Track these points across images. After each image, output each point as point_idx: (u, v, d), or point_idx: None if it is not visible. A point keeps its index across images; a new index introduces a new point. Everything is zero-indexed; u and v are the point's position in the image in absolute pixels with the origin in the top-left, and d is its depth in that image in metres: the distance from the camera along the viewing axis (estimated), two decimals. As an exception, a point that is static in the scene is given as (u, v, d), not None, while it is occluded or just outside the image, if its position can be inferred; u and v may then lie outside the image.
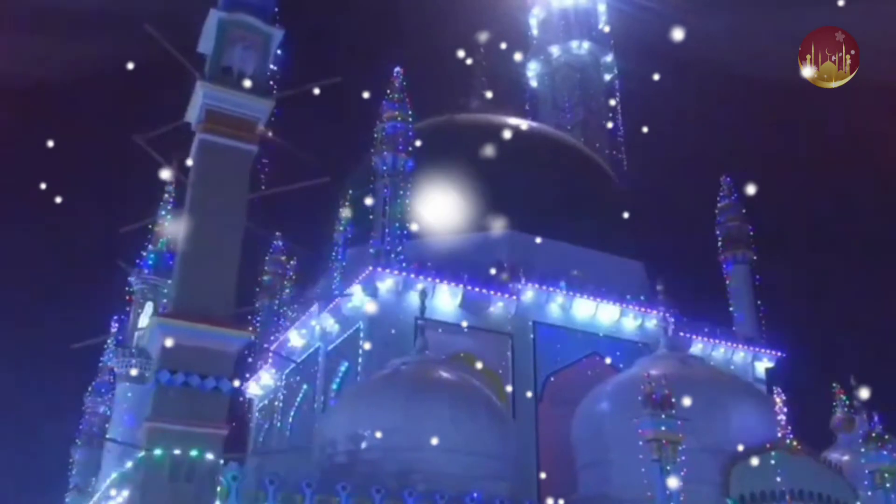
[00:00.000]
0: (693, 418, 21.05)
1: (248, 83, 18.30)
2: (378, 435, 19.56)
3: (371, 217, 28.77)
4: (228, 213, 17.21)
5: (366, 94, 31.42)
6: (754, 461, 21.02)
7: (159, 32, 17.55)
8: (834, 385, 33.36)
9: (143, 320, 24.36)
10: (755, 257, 36.01)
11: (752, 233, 36.33)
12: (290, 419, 33.46)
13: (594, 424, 25.25)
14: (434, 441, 19.30)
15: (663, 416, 20.34)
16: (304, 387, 32.72)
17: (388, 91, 30.69)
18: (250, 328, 17.09)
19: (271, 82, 19.11)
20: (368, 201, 29.19)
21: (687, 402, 21.49)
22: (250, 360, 35.71)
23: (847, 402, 32.40)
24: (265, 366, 36.41)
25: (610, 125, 50.04)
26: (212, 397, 15.54)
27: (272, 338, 36.58)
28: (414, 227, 29.46)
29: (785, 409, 22.38)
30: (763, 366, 34.02)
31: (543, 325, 29.97)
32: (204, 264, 16.51)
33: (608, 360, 30.44)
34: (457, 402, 20.38)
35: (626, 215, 35.02)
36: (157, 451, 14.75)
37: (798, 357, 34.36)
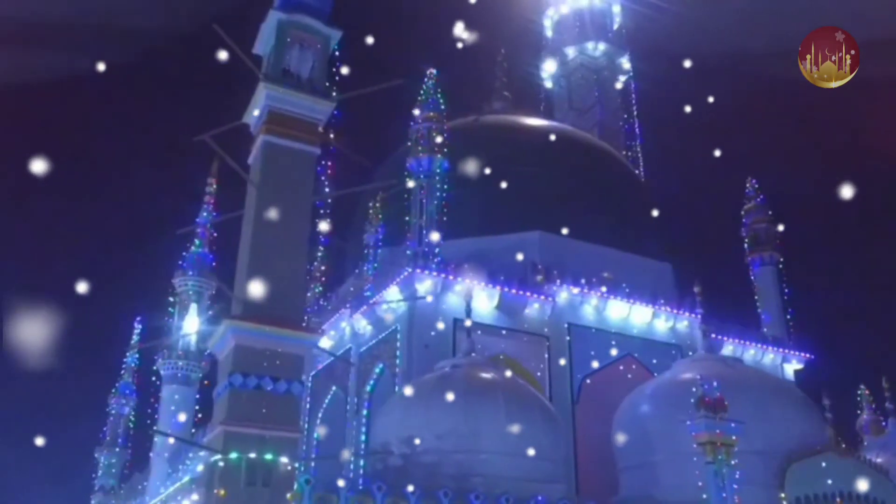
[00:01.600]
0: (742, 421, 21.04)
1: (310, 85, 18.18)
2: (435, 437, 19.46)
3: (408, 218, 28.65)
4: (294, 215, 17.13)
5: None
6: (808, 464, 21.01)
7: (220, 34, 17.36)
8: (861, 387, 33.58)
9: (189, 321, 24.20)
10: (782, 259, 36.09)
11: (779, 235, 36.40)
12: (318, 421, 33.32)
13: (636, 426, 25.16)
14: (492, 444, 19.22)
15: (717, 418, 20.27)
16: (333, 388, 32.58)
17: (423, 91, 30.59)
18: (319, 331, 16.91)
19: (328, 84, 19.01)
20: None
21: (736, 404, 21.53)
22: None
23: (874, 405, 32.61)
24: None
25: (625, 126, 50.27)
26: (284, 400, 15.46)
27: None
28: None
29: (830, 413, 22.36)
30: (792, 367, 34.11)
31: (578, 327, 29.97)
32: (271, 266, 16.40)
33: (642, 362, 30.45)
34: (512, 405, 20.33)
35: (654, 215, 35.09)
36: (234, 455, 14.64)
37: (826, 359, 34.41)
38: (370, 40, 21.26)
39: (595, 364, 29.53)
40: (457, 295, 27.67)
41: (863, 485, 21.25)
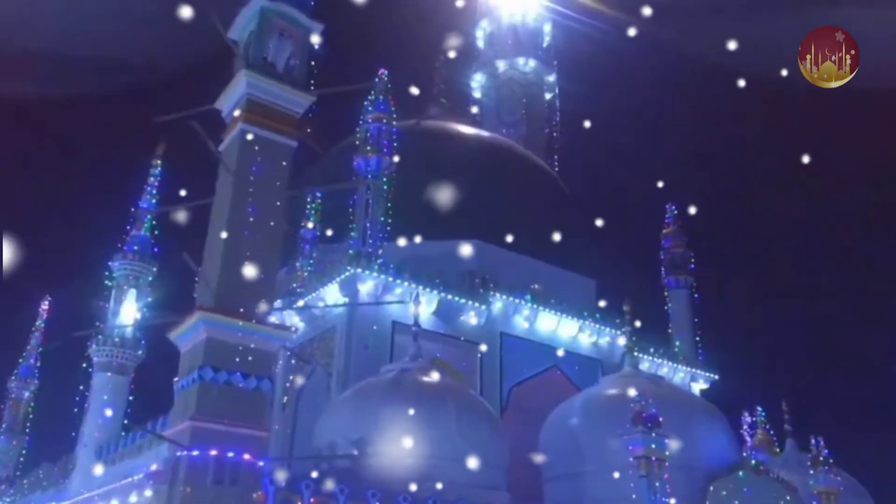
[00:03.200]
0: (669, 437, 22.07)
1: (288, 76, 17.88)
2: (386, 441, 19.45)
3: (351, 217, 28.45)
4: (269, 207, 16.79)
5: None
6: (728, 481, 22.26)
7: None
8: (758, 408, 35.75)
9: (126, 308, 23.13)
10: (695, 283, 37.97)
11: (693, 259, 38.28)
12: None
13: (565, 438, 25.91)
14: (443, 450, 19.42)
15: (653, 434, 21.20)
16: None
17: (372, 92, 30.47)
18: (293, 329, 16.62)
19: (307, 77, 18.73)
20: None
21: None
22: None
23: (767, 425, 34.76)
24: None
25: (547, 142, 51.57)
26: (253, 397, 15.14)
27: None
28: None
29: (751, 431, 23.76)
30: (698, 387, 35.91)
31: (509, 337, 30.59)
32: (245, 259, 16.02)
33: (566, 375, 31.37)
34: (463, 412, 20.59)
35: (581, 231, 36.20)
36: (199, 452, 14.21)
37: (729, 380, 36.45)
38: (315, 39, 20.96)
39: (524, 374, 30.24)
40: (396, 298, 27.71)
41: (777, 502, 22.69)
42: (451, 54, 49.86)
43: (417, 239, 31.89)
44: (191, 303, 33.15)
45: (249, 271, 15.87)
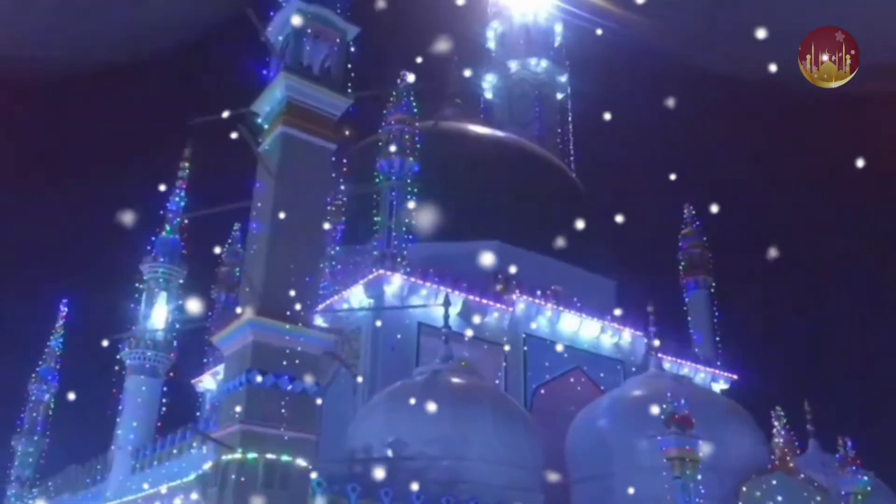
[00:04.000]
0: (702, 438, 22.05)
1: (325, 79, 17.87)
2: (422, 443, 19.45)
3: (378, 218, 28.43)
4: (311, 209, 16.79)
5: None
6: (761, 481, 22.23)
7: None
8: (777, 408, 35.70)
9: (157, 311, 23.09)
10: (714, 283, 37.93)
11: (711, 259, 38.25)
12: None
13: (592, 439, 25.89)
14: (479, 451, 19.41)
15: (686, 435, 21.17)
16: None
17: (395, 94, 30.44)
18: (336, 331, 16.59)
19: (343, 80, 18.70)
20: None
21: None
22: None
23: (788, 426, 34.69)
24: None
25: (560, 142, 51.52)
26: (301, 400, 15.10)
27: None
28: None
29: (783, 432, 23.76)
30: (718, 387, 35.87)
31: (533, 338, 30.56)
32: (289, 262, 16.00)
33: (589, 375, 31.35)
34: (499, 414, 20.57)
35: (599, 232, 36.21)
36: (252, 455, 14.20)
37: (750, 380, 36.40)
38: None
39: (547, 375, 30.22)
40: (422, 299, 27.74)
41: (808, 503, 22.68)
42: (463, 55, 50.06)
43: (439, 240, 31.99)
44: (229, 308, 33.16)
45: (293, 274, 15.84)
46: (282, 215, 16.13)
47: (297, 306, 15.76)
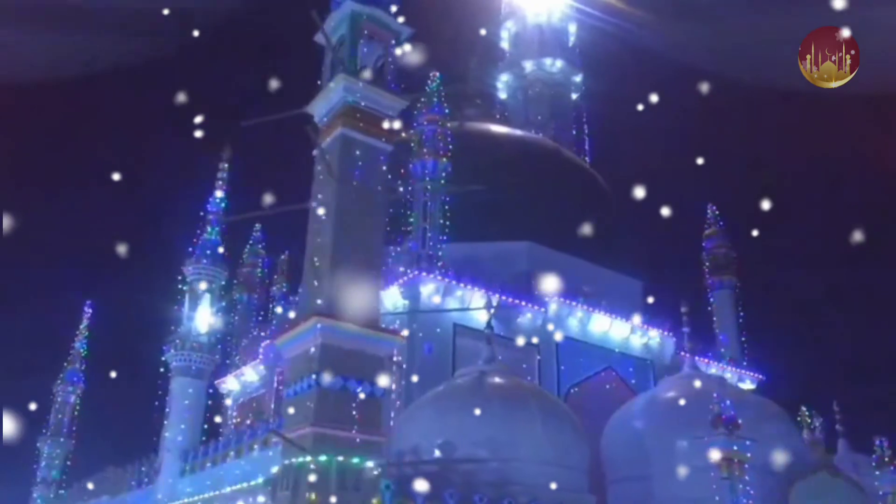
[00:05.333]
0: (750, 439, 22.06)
1: (379, 79, 17.83)
2: (471, 444, 19.40)
3: (412, 219, 28.38)
4: (371, 211, 16.74)
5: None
6: (809, 483, 22.26)
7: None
8: (802, 409, 35.75)
9: (201, 313, 22.99)
10: (739, 283, 37.99)
11: (736, 259, 38.30)
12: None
13: (629, 440, 25.85)
14: (528, 453, 19.38)
15: (734, 436, 21.18)
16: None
17: (427, 94, 30.40)
18: (402, 333, 16.55)
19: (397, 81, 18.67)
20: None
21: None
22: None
23: (813, 427, 34.74)
24: (252, 361, 35.17)
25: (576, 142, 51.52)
26: (369, 403, 15.07)
27: (262, 334, 35.44)
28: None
29: (822, 433, 23.77)
30: (745, 387, 35.89)
31: (566, 338, 30.53)
32: (352, 264, 15.96)
33: (620, 375, 31.39)
34: (547, 415, 20.54)
35: (625, 232, 36.28)
36: (324, 458, 14.16)
37: (777, 380, 36.44)
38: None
39: (580, 375, 30.23)
40: (457, 300, 27.74)
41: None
42: (479, 55, 50.01)
43: (470, 241, 31.96)
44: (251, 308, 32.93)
45: (357, 276, 15.81)
46: (343, 217, 16.07)
47: (362, 308, 15.71)
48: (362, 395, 14.95)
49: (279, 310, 33.77)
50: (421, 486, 15.76)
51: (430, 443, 20.13)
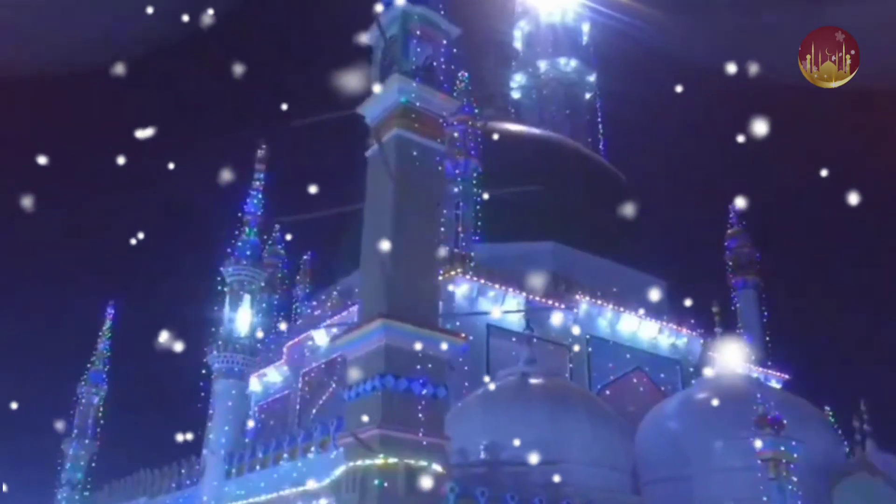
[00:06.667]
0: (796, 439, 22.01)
1: (436, 80, 17.74)
2: (520, 446, 19.32)
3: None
4: (429, 212, 16.65)
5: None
6: (851, 483, 22.24)
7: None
8: (825, 408, 35.73)
9: (242, 314, 22.87)
10: (762, 283, 37.93)
11: (759, 259, 38.25)
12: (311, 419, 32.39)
13: (664, 441, 25.75)
14: (578, 454, 19.31)
15: (781, 436, 21.14)
16: (333, 387, 31.70)
17: (455, 93, 30.23)
18: (463, 336, 16.46)
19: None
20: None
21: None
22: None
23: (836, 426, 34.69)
24: (276, 362, 35.05)
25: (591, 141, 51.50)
26: (432, 404, 14.97)
27: (285, 334, 35.37)
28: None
29: (865, 431, 23.78)
30: (771, 387, 35.85)
31: (596, 339, 30.52)
32: (412, 265, 15.87)
33: (650, 376, 31.37)
34: (596, 416, 20.48)
35: (649, 231, 36.24)
36: (393, 460, 14.06)
37: (803, 380, 36.38)
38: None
39: (611, 376, 30.21)
40: (489, 301, 27.70)
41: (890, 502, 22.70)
42: (493, 55, 49.92)
43: (494, 241, 31.88)
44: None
45: (417, 276, 15.73)
46: (401, 218, 15.99)
47: (423, 309, 15.63)
48: (426, 397, 14.85)
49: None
50: (483, 489, 15.62)
51: (475, 444, 20.07)
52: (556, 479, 18.82)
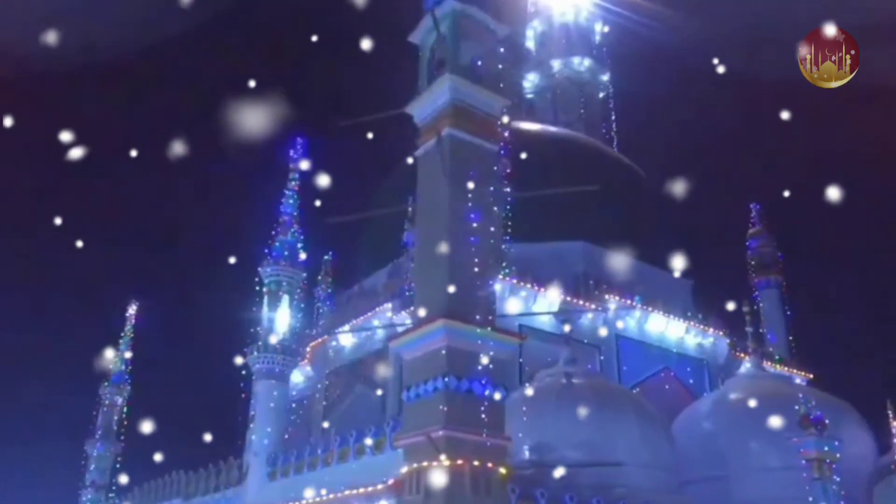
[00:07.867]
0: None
1: (487, 79, 17.65)
2: (569, 448, 19.24)
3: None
4: (486, 212, 16.54)
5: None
6: (890, 482, 22.18)
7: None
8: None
9: (281, 315, 22.73)
10: (785, 282, 37.91)
11: (781, 259, 38.23)
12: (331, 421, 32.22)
13: (699, 441, 25.68)
14: (627, 455, 19.23)
15: (824, 436, 21.07)
16: (357, 388, 31.58)
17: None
18: (523, 336, 16.37)
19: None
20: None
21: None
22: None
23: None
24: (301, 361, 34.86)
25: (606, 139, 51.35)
26: (494, 405, 14.87)
27: (307, 334, 35.21)
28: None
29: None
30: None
31: (624, 339, 30.45)
32: (469, 265, 15.76)
33: (677, 376, 31.30)
34: (642, 417, 20.41)
35: (674, 231, 36.12)
36: (458, 462, 13.96)
37: (828, 379, 36.27)
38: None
39: (640, 375, 30.12)
40: (521, 301, 27.61)
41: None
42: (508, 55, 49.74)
43: (522, 241, 31.71)
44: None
45: (475, 277, 15.63)
46: (458, 218, 15.90)
47: (482, 310, 15.54)
48: (488, 398, 14.74)
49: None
50: (542, 490, 15.53)
51: (521, 445, 19.94)
52: (605, 479, 18.68)
